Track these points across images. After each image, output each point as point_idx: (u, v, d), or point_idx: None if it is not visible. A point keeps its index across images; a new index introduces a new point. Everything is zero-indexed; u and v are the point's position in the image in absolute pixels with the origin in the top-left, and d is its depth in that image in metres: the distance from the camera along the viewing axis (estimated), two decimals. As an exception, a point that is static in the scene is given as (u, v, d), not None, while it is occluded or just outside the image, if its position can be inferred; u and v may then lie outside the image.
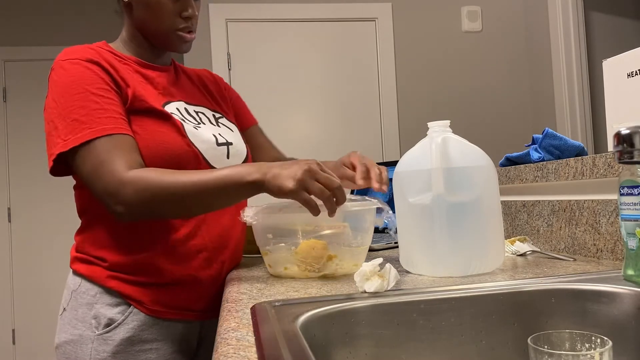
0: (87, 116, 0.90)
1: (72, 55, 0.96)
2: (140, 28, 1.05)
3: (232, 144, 1.08)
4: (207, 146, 1.02)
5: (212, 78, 1.24)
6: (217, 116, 1.15)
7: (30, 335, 3.55)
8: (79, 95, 0.91)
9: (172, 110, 1.03)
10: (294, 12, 3.06)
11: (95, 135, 0.89)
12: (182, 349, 1.03)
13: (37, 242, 3.56)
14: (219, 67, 2.95)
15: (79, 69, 0.94)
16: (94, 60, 0.96)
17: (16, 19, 3.72)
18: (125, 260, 0.98)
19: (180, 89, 1.11)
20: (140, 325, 0.97)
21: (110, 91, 0.94)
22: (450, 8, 3.20)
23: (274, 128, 3.04)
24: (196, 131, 1.02)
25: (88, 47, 0.99)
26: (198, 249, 1.01)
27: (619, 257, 0.94)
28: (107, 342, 0.95)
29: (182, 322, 1.02)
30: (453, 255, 0.86)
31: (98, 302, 0.97)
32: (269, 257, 0.97)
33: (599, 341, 0.54)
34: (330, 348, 0.66)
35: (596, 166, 0.99)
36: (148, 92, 1.01)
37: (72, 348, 0.97)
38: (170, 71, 1.12)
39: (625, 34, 3.01)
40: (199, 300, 1.03)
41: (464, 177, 0.87)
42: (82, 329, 0.97)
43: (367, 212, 0.97)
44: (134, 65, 1.05)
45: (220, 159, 1.04)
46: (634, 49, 0.97)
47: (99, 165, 0.87)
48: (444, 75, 3.17)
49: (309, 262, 0.92)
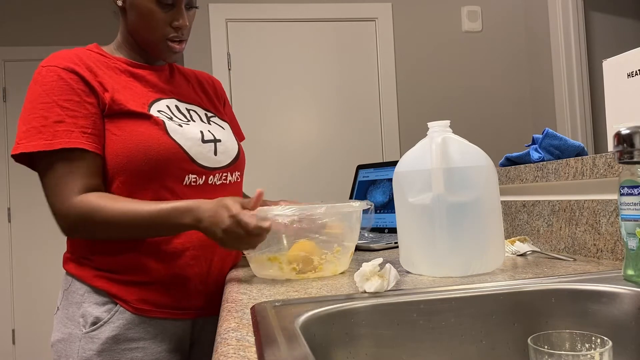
0: (45, 127, 0.94)
1: (51, 62, 0.98)
2: (132, 33, 1.07)
3: (220, 141, 1.08)
4: (192, 143, 1.02)
5: (211, 81, 1.25)
6: (209, 115, 1.15)
7: (30, 335, 3.55)
8: (44, 105, 0.95)
9: (160, 107, 1.04)
10: (294, 12, 3.06)
11: (48, 147, 0.93)
12: (173, 348, 1.03)
13: (37, 242, 3.56)
14: (219, 67, 2.95)
15: (53, 78, 0.96)
16: (71, 68, 0.98)
17: (16, 19, 3.72)
18: (112, 260, 0.99)
19: (174, 87, 1.12)
20: (126, 324, 0.98)
21: (79, 103, 0.96)
22: (450, 8, 3.20)
23: (274, 128, 3.04)
24: (180, 128, 1.02)
25: (71, 53, 1.01)
26: (184, 247, 1.01)
27: (619, 257, 0.94)
28: (94, 340, 0.96)
29: (170, 320, 1.02)
30: (453, 255, 0.86)
31: (86, 301, 0.99)
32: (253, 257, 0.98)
33: (599, 341, 0.54)
34: (330, 348, 0.66)
35: (596, 166, 0.99)
36: (132, 92, 1.02)
37: (63, 346, 0.98)
38: (163, 70, 1.13)
39: (625, 34, 3.01)
40: (187, 298, 1.03)
41: (464, 177, 0.87)
42: (71, 327, 0.98)
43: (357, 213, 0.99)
44: (122, 65, 1.06)
45: (206, 155, 1.04)
46: (634, 49, 0.97)
47: (53, 186, 0.95)
48: (444, 75, 3.16)
49: (296, 263, 0.92)
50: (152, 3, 1.01)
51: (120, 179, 0.98)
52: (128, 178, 0.98)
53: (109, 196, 0.95)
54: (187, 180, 1.02)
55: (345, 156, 3.02)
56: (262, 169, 2.92)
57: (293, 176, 3.00)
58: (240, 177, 1.15)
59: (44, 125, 0.94)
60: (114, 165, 0.98)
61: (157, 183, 0.99)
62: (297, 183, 2.98)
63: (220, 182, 1.07)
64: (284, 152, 3.02)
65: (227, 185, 1.09)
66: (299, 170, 3.02)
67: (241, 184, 1.17)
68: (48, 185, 0.96)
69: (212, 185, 1.06)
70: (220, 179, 1.07)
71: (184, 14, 1.04)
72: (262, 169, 2.91)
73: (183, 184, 1.01)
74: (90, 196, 0.94)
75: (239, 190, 1.16)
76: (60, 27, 3.73)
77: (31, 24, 3.73)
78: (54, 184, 0.94)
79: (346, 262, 0.98)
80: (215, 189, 1.06)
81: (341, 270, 0.97)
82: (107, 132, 0.98)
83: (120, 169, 0.97)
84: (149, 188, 0.99)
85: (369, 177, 1.72)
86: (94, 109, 0.97)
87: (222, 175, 1.08)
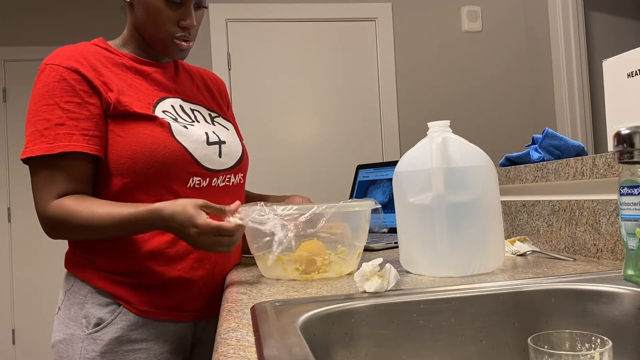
0: (47, 129, 0.94)
1: (55, 60, 0.97)
2: (138, 29, 1.05)
3: (224, 143, 1.07)
4: (197, 145, 1.01)
5: (215, 81, 1.24)
6: (213, 115, 1.14)
7: (30, 335, 3.55)
8: (46, 107, 0.95)
9: (165, 107, 1.03)
10: (294, 12, 3.06)
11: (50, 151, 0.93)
12: (175, 349, 1.03)
13: (37, 242, 3.56)
14: (219, 67, 2.95)
15: (55, 78, 0.96)
16: (74, 67, 0.97)
17: (16, 19, 3.72)
18: (115, 262, 0.99)
19: (179, 86, 1.11)
20: (129, 325, 0.97)
21: (81, 105, 0.96)
22: (450, 8, 3.20)
23: (274, 128, 3.04)
24: (185, 130, 1.01)
25: (75, 51, 1.00)
26: (187, 250, 1.00)
27: (619, 257, 0.94)
28: (96, 341, 0.95)
29: (173, 322, 1.02)
30: (453, 255, 0.86)
31: (88, 302, 0.98)
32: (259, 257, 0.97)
33: (599, 341, 0.54)
34: (330, 348, 0.66)
35: (596, 166, 0.99)
36: (137, 91, 1.01)
37: (65, 347, 0.98)
38: (169, 67, 1.11)
39: (625, 34, 3.01)
40: (190, 300, 1.03)
41: (464, 177, 0.87)
42: (73, 328, 0.98)
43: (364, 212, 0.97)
44: (128, 61, 1.05)
45: (210, 157, 1.03)
46: (634, 49, 0.97)
47: (37, 189, 0.95)
48: (444, 75, 3.16)
49: (299, 264, 0.92)
50: (160, 1, 0.99)
51: (124, 180, 0.97)
52: (131, 180, 0.97)
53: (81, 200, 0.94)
54: (191, 182, 1.01)
55: (345, 156, 3.02)
56: (262, 169, 2.92)
57: (293, 176, 3.00)
58: (243, 178, 1.14)
59: (46, 128, 0.94)
60: (117, 166, 0.97)
61: (161, 185, 0.98)
62: (297, 183, 2.98)
63: (223, 184, 1.06)
64: (284, 152, 3.02)
65: (230, 187, 1.08)
66: (299, 171, 3.02)
67: (244, 186, 1.16)
68: (33, 187, 0.96)
69: (216, 187, 1.05)
70: (223, 181, 1.06)
71: (192, 13, 1.03)
72: (262, 169, 2.91)
73: (187, 186, 1.00)
74: (65, 201, 0.94)
75: (241, 192, 1.15)
76: (60, 27, 3.73)
77: (31, 24, 3.73)
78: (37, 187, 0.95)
79: (353, 263, 0.96)
80: (219, 191, 1.05)
81: (348, 272, 0.95)
82: (111, 133, 0.97)
83: (123, 170, 0.97)
84: (152, 190, 0.98)
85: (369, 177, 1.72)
86: (96, 109, 0.97)
87: (226, 178, 1.07)
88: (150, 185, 0.98)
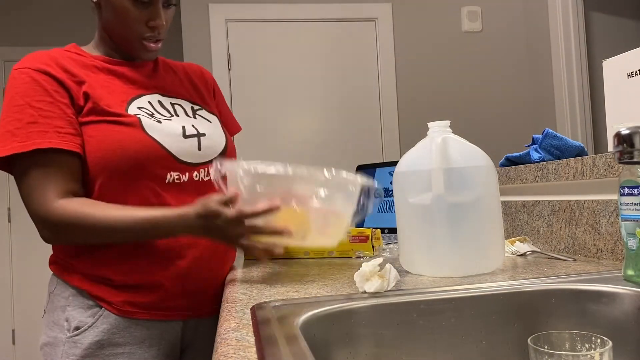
0: (20, 129, 0.92)
1: (24, 64, 0.97)
2: (106, 30, 1.04)
3: (204, 135, 1.05)
4: (172, 139, 0.99)
5: (200, 73, 1.22)
6: (196, 108, 1.12)
7: (30, 335, 3.54)
8: (17, 108, 0.93)
9: (141, 104, 1.02)
10: (294, 12, 3.06)
11: (22, 149, 0.91)
12: (162, 354, 1.00)
13: (37, 242, 3.56)
14: (219, 67, 2.95)
15: (25, 80, 0.95)
16: (42, 69, 0.96)
17: (16, 19, 3.72)
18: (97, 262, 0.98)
19: (157, 82, 1.09)
20: (111, 328, 0.95)
21: (52, 103, 0.94)
22: (450, 8, 3.20)
23: (274, 128, 3.04)
24: (158, 125, 0.99)
25: (44, 55, 1.00)
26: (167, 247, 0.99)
27: (619, 257, 0.94)
28: (77, 345, 0.94)
29: (157, 323, 1.00)
30: (453, 255, 0.86)
31: (70, 305, 0.97)
32: None
33: (599, 341, 0.54)
34: (330, 348, 0.66)
35: (596, 166, 0.99)
36: (110, 91, 1.00)
37: (49, 350, 0.97)
38: (147, 65, 1.10)
39: (625, 34, 3.01)
40: (173, 298, 1.00)
41: (464, 177, 0.87)
42: (56, 331, 0.97)
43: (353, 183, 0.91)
44: (100, 63, 1.04)
45: (189, 150, 1.01)
46: (634, 49, 0.97)
47: (32, 190, 0.93)
48: (444, 75, 3.16)
49: None
50: (128, 0, 0.98)
51: (101, 181, 0.96)
52: (107, 179, 0.95)
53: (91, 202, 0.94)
54: (169, 178, 0.99)
55: (345, 156, 3.02)
56: (262, 169, 2.91)
57: (293, 176, 2.99)
58: None
59: (17, 128, 0.92)
60: (92, 167, 0.96)
61: (139, 183, 0.96)
62: (297, 183, 2.97)
63: (207, 177, 1.03)
64: (284, 152, 3.02)
65: None
66: (299, 170, 3.01)
67: None
68: (24, 190, 0.93)
69: (199, 181, 1.02)
70: (207, 174, 1.03)
71: (161, 13, 1.01)
72: (262, 169, 2.90)
73: (165, 182, 0.98)
74: (73, 203, 0.92)
75: None
76: (60, 27, 3.73)
77: (31, 24, 3.73)
78: (32, 189, 0.92)
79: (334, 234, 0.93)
80: (202, 185, 1.02)
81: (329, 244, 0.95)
82: (84, 135, 0.96)
83: (98, 171, 0.95)
84: (131, 189, 0.96)
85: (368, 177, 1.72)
86: (68, 109, 0.95)
87: (208, 171, 1.04)
88: (128, 184, 0.96)
